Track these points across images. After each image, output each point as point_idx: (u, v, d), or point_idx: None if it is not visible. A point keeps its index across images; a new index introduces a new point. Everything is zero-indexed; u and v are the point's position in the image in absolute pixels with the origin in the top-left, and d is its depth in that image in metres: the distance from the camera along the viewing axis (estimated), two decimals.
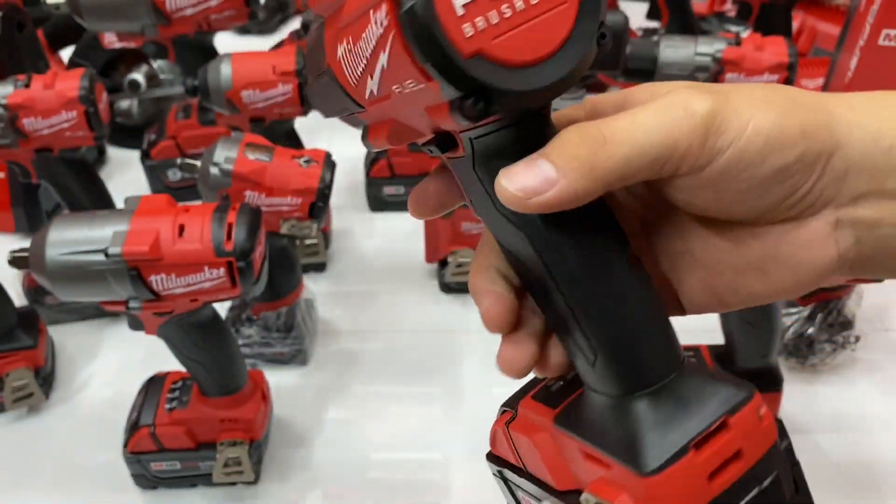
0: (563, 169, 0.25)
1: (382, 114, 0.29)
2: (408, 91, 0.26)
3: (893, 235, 0.28)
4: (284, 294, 0.91)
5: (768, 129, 0.26)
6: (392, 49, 0.24)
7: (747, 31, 1.41)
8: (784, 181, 0.27)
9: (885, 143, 0.27)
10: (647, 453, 0.28)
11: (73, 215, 0.66)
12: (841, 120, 0.27)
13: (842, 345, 0.91)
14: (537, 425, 0.33)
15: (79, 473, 0.82)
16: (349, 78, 0.29)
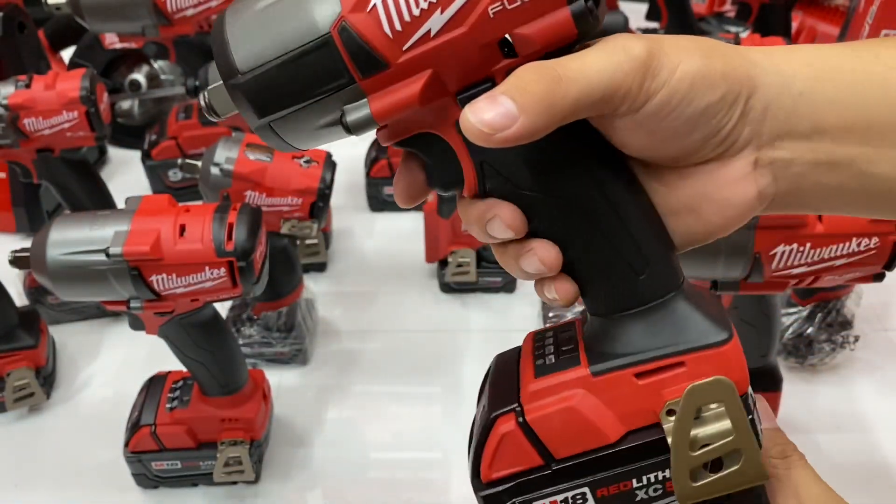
0: (523, 106, 0.28)
1: (418, 66, 0.30)
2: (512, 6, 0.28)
3: (806, 174, 0.31)
4: (285, 294, 0.91)
5: (694, 71, 0.29)
6: None
7: (746, 32, 1.41)
8: (709, 120, 0.30)
9: (796, 88, 0.30)
10: (714, 329, 0.33)
11: (74, 215, 0.66)
12: (758, 66, 0.30)
13: (841, 344, 0.92)
14: (567, 393, 0.34)
15: (80, 473, 0.82)
16: (386, 27, 0.29)
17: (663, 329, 0.33)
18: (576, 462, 0.34)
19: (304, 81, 0.31)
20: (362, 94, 0.31)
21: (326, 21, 0.30)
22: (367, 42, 0.29)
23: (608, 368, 0.33)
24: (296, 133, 0.32)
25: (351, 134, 0.32)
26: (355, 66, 0.30)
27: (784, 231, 0.63)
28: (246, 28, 0.31)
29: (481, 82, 0.31)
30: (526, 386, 0.35)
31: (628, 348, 0.33)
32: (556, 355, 0.35)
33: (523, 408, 0.34)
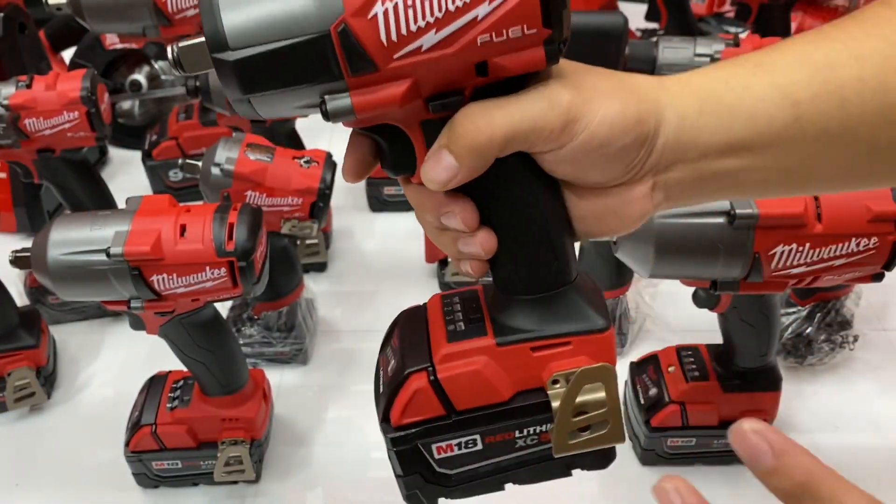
0: (459, 157, 0.35)
1: (402, 74, 0.33)
2: (498, 40, 0.32)
3: (691, 186, 0.38)
4: (285, 294, 0.91)
5: (611, 118, 0.35)
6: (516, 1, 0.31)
7: (746, 32, 1.41)
8: (623, 157, 0.36)
9: (688, 122, 0.36)
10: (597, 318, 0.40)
11: (75, 215, 0.66)
12: (662, 105, 0.36)
13: (840, 344, 0.92)
14: (476, 356, 0.40)
15: (80, 472, 0.83)
16: (382, 35, 0.32)
17: (557, 313, 0.40)
18: (473, 415, 0.41)
19: (294, 69, 0.32)
20: (346, 88, 0.33)
21: (328, 19, 0.31)
22: (363, 46, 0.32)
23: (510, 341, 0.40)
24: (270, 109, 0.34)
25: (327, 120, 0.34)
26: (347, 64, 0.32)
27: (783, 231, 0.63)
28: (241, 6, 0.32)
29: (452, 93, 0.35)
30: (438, 349, 0.41)
31: (528, 326, 0.40)
32: (465, 322, 0.41)
33: (435, 368, 0.40)
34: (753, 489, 0.85)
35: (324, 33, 0.32)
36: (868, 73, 0.36)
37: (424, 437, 0.41)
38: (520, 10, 0.32)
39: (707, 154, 0.37)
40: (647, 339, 0.98)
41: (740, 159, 0.37)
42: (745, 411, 0.78)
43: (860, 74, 0.36)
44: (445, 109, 0.35)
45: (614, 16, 0.91)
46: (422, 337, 0.42)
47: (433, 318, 0.43)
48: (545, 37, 0.33)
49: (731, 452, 0.84)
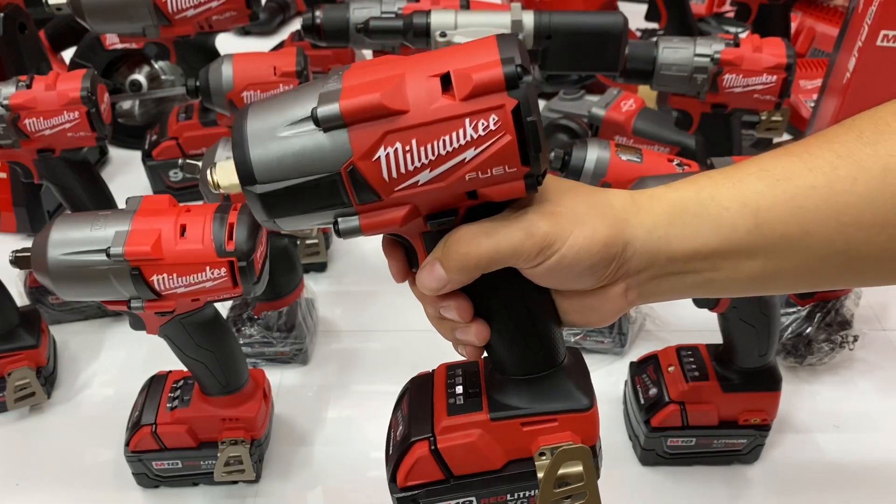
0: (448, 270, 0.41)
1: (403, 202, 0.39)
2: (483, 177, 0.38)
3: (663, 285, 0.43)
4: (285, 294, 0.92)
5: (580, 244, 0.40)
6: (498, 147, 0.37)
7: (746, 32, 1.41)
8: (592, 273, 0.41)
9: (656, 234, 0.41)
10: (581, 398, 0.46)
11: (75, 215, 0.66)
12: (631, 223, 0.41)
13: (840, 344, 0.92)
14: (472, 430, 0.46)
15: (81, 472, 0.83)
16: (385, 174, 0.38)
17: (545, 393, 0.46)
18: (469, 480, 0.47)
19: (311, 200, 0.39)
20: (355, 213, 0.40)
21: (339, 162, 0.38)
22: (369, 182, 0.38)
23: (503, 416, 0.46)
24: (291, 227, 0.41)
25: (339, 237, 0.41)
26: (355, 195, 0.39)
27: None
28: (267, 147, 0.38)
29: (447, 213, 0.40)
30: (439, 420, 0.47)
31: (519, 403, 0.46)
32: (465, 396, 0.48)
33: (436, 438, 0.46)
34: (753, 489, 0.86)
35: (336, 172, 0.38)
36: (819, 181, 0.40)
37: (426, 498, 0.47)
38: (501, 154, 0.37)
39: (675, 260, 0.41)
40: (647, 339, 0.98)
41: (707, 262, 0.41)
42: (745, 411, 0.78)
43: (812, 182, 0.40)
44: (442, 226, 0.41)
45: (614, 16, 0.91)
46: (426, 406, 0.48)
47: (438, 389, 0.49)
48: (525, 173, 0.38)
49: (730, 452, 0.85)
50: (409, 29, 0.89)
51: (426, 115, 0.37)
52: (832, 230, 0.40)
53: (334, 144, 0.37)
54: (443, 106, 0.37)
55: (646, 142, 1.13)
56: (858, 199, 0.39)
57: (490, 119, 0.37)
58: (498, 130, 0.37)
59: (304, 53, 0.99)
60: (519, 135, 0.37)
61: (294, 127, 0.38)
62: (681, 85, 0.99)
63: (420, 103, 0.37)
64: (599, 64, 0.93)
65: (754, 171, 0.41)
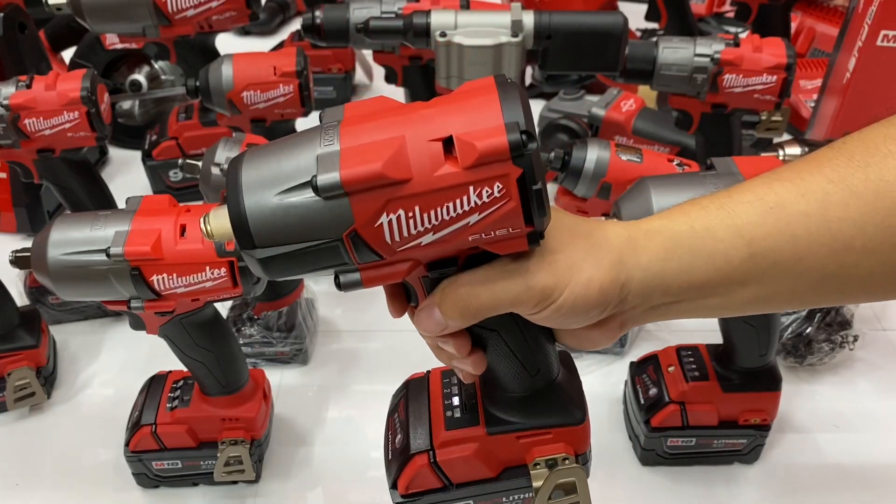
0: (448, 316, 0.42)
1: (405, 259, 0.39)
2: (487, 237, 0.38)
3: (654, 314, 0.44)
4: (285, 294, 0.91)
5: (577, 293, 0.40)
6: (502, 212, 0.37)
7: (746, 32, 1.41)
8: (589, 317, 0.42)
9: (651, 271, 0.42)
10: (574, 412, 0.48)
11: (75, 215, 0.66)
12: (628, 265, 0.42)
13: (840, 344, 0.92)
14: (469, 443, 0.48)
15: (81, 472, 0.83)
16: (387, 237, 0.37)
17: (539, 408, 0.47)
18: (467, 485, 0.49)
19: (311, 262, 0.39)
20: (356, 269, 0.40)
21: (341, 230, 0.37)
22: (370, 246, 0.38)
23: (499, 431, 0.48)
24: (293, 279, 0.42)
25: (339, 290, 0.41)
26: (356, 256, 0.38)
27: None
28: (265, 212, 0.37)
29: (447, 262, 0.41)
30: (438, 434, 0.49)
31: (514, 418, 0.48)
32: (462, 409, 0.49)
33: (435, 452, 0.48)
34: (753, 489, 0.86)
35: (337, 238, 0.37)
36: (812, 208, 0.40)
37: (427, 502, 0.50)
38: (505, 217, 0.37)
39: (670, 293, 0.42)
40: (647, 339, 0.98)
41: (701, 292, 0.42)
42: (745, 411, 0.78)
43: (806, 210, 0.40)
44: (442, 273, 0.41)
45: (614, 16, 0.91)
46: (424, 416, 0.50)
47: (434, 397, 0.51)
48: (528, 231, 0.38)
49: (730, 452, 0.85)
50: (409, 29, 0.89)
51: (429, 184, 0.36)
52: (824, 256, 0.40)
53: (335, 212, 0.36)
54: (446, 174, 0.36)
55: (646, 142, 1.13)
56: (851, 225, 0.40)
57: (494, 187, 0.36)
58: (502, 197, 0.36)
59: (304, 53, 0.99)
60: (523, 200, 0.37)
61: (293, 192, 0.37)
62: (681, 85, 0.99)
63: (423, 171, 0.36)
64: (599, 64, 0.93)
65: (748, 199, 0.42)
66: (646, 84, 1.01)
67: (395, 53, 1.12)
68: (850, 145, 0.42)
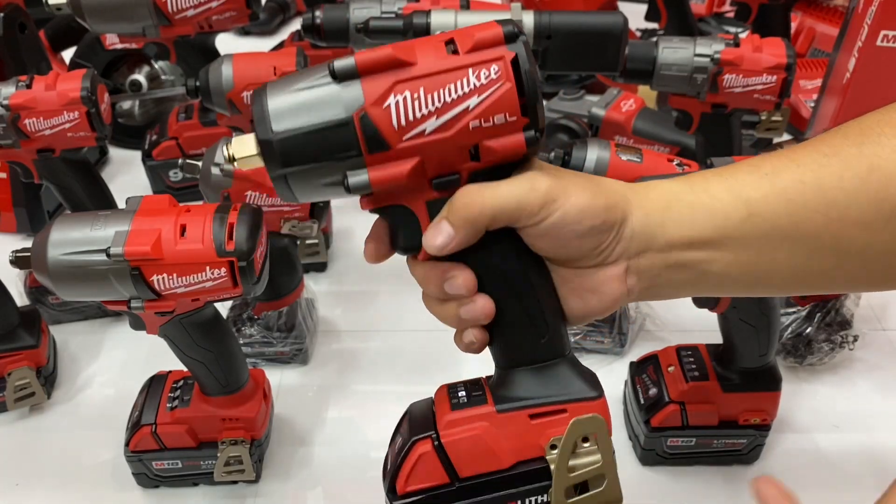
0: (455, 227, 0.42)
1: (410, 154, 0.41)
2: (486, 125, 0.40)
3: (660, 274, 0.44)
4: (285, 294, 0.92)
5: (581, 203, 0.41)
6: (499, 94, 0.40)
7: (746, 32, 1.41)
8: (593, 237, 0.42)
9: (651, 217, 0.43)
10: (590, 388, 0.45)
11: (75, 215, 0.66)
12: (630, 202, 0.43)
13: (840, 344, 0.92)
14: (477, 423, 0.44)
15: (81, 472, 0.83)
16: (394, 121, 0.40)
17: (552, 384, 0.45)
18: (475, 482, 0.45)
19: (323, 147, 0.40)
20: (363, 165, 0.41)
21: (351, 108, 0.40)
22: (379, 129, 0.40)
23: (510, 408, 0.45)
24: (302, 186, 0.42)
25: (349, 193, 0.42)
26: (365, 144, 0.40)
27: None
28: (284, 99, 0.41)
29: (450, 174, 0.42)
30: (442, 417, 0.46)
31: (525, 394, 0.45)
32: (468, 396, 0.47)
33: (439, 433, 0.45)
34: None
35: (348, 119, 0.40)
36: (808, 176, 0.41)
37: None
38: (502, 101, 0.40)
39: (673, 245, 0.43)
40: (647, 339, 0.99)
41: (703, 252, 0.43)
42: (745, 411, 0.78)
43: (801, 177, 0.42)
44: (446, 188, 0.42)
45: (614, 16, 0.91)
46: (428, 416, 0.47)
47: (440, 401, 0.48)
48: (524, 124, 0.41)
49: (730, 452, 0.85)
50: (409, 29, 0.89)
51: (433, 67, 0.40)
52: (820, 225, 0.41)
53: (348, 93, 0.40)
54: (448, 58, 0.40)
55: (646, 142, 1.13)
56: (845, 195, 0.41)
57: (491, 69, 0.40)
58: (499, 79, 0.40)
59: (304, 53, 0.99)
60: (518, 84, 0.40)
61: (311, 83, 0.41)
62: (681, 85, 0.99)
63: (427, 58, 0.40)
64: (599, 64, 0.93)
65: (744, 168, 0.44)
66: (646, 84, 1.01)
67: None
68: (844, 128, 0.43)
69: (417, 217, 0.44)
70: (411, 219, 0.44)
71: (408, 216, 0.44)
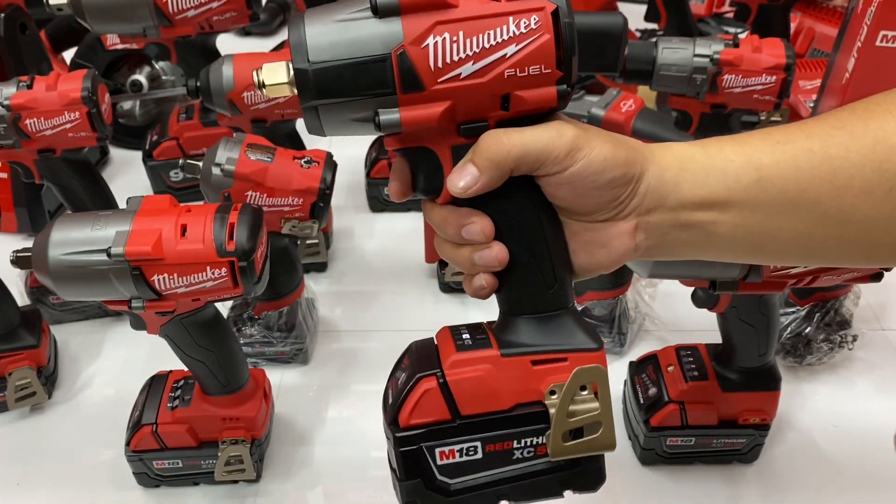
0: (481, 169, 0.42)
1: (443, 97, 0.40)
2: (521, 75, 0.40)
3: (668, 233, 0.45)
4: (286, 293, 0.92)
5: (605, 153, 0.42)
6: (537, 44, 0.40)
7: (745, 33, 1.41)
8: (612, 188, 0.43)
9: (668, 176, 0.44)
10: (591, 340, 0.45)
11: (76, 215, 0.66)
12: (648, 159, 0.44)
13: (839, 344, 0.92)
14: (481, 364, 0.45)
15: (81, 472, 0.83)
16: (431, 62, 0.40)
17: (555, 333, 0.46)
18: (475, 420, 0.45)
19: (358, 81, 0.40)
20: (396, 104, 0.41)
21: (390, 45, 0.40)
22: (415, 68, 0.40)
23: (513, 353, 0.45)
24: (332, 119, 0.42)
25: (379, 130, 0.41)
26: (401, 82, 0.40)
27: None
28: (323, 29, 0.40)
29: (478, 121, 0.42)
30: (447, 357, 0.46)
31: (529, 341, 0.45)
32: (472, 339, 0.47)
33: (444, 372, 0.45)
34: (753, 489, 0.86)
35: (386, 55, 0.40)
36: (816, 145, 0.43)
37: (429, 440, 0.45)
38: (539, 52, 0.40)
39: (684, 205, 0.44)
40: (647, 338, 0.99)
41: (711, 213, 0.44)
42: (745, 411, 0.78)
43: (810, 146, 0.43)
44: (473, 134, 0.42)
45: (614, 16, 0.91)
46: (432, 354, 0.47)
47: (443, 342, 0.48)
48: (558, 77, 0.41)
49: (730, 452, 0.85)
50: None
51: (474, 11, 0.40)
52: (825, 192, 0.43)
53: (388, 29, 0.40)
54: (490, 4, 0.40)
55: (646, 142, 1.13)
56: (851, 165, 0.42)
57: (531, 18, 0.40)
58: (538, 29, 0.40)
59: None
60: (556, 36, 0.40)
61: (351, 15, 0.40)
62: (680, 85, 0.99)
63: (470, 1, 0.40)
64: (599, 64, 0.93)
65: (757, 135, 0.45)
66: (645, 84, 1.01)
67: None
68: (852, 105, 0.45)
69: (441, 160, 0.44)
70: (434, 162, 0.44)
71: (431, 159, 0.44)
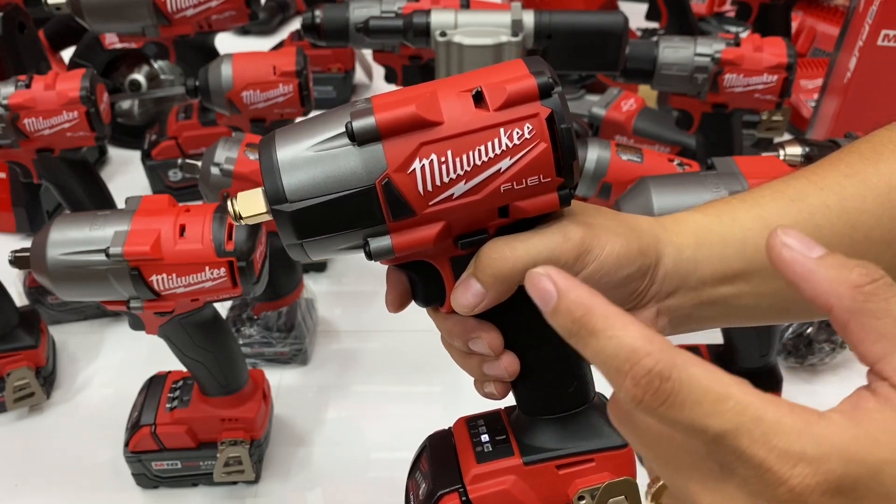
0: (486, 285, 0.39)
1: (436, 218, 0.38)
2: (518, 188, 0.37)
3: (691, 313, 0.43)
4: (285, 294, 0.91)
5: (617, 250, 0.39)
6: (533, 155, 0.37)
7: (746, 32, 1.41)
8: (628, 284, 0.40)
9: (685, 254, 0.41)
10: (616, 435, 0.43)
11: (75, 215, 0.66)
12: (662, 241, 0.41)
13: (840, 345, 0.92)
14: (504, 476, 0.44)
15: (80, 472, 0.82)
16: (420, 187, 0.37)
17: (579, 432, 0.44)
18: None
19: (342, 217, 0.37)
20: (387, 232, 0.38)
21: (373, 175, 0.37)
22: (403, 196, 0.37)
23: (537, 460, 0.44)
24: (320, 251, 0.39)
25: (370, 259, 0.39)
26: (389, 211, 0.37)
27: None
28: (298, 161, 0.37)
29: (477, 232, 0.39)
30: (468, 470, 0.44)
31: (552, 445, 0.44)
32: (492, 443, 0.45)
33: (466, 488, 0.44)
34: None
35: (370, 186, 0.37)
36: (831, 200, 0.41)
37: None
38: (536, 162, 0.37)
39: (705, 282, 0.42)
40: None
41: (734, 286, 0.42)
42: None
43: (825, 202, 0.41)
44: (472, 246, 0.39)
45: (614, 16, 0.90)
46: (451, 459, 0.45)
47: (460, 441, 0.46)
48: (559, 184, 0.38)
49: None
50: (409, 28, 0.89)
51: (461, 126, 0.36)
52: (846, 247, 0.41)
53: (369, 158, 0.37)
54: (477, 116, 0.37)
55: (646, 141, 1.13)
56: (869, 216, 0.41)
57: (525, 128, 0.36)
58: (533, 139, 0.37)
59: (304, 53, 0.99)
60: (553, 143, 0.37)
61: (326, 144, 0.37)
62: (681, 85, 0.98)
63: (454, 115, 0.37)
64: (600, 63, 0.93)
65: (768, 194, 0.43)
66: (646, 84, 1.01)
67: (395, 53, 1.12)
68: (858, 146, 0.43)
69: (441, 273, 0.41)
70: (434, 275, 0.41)
71: (430, 272, 0.41)
